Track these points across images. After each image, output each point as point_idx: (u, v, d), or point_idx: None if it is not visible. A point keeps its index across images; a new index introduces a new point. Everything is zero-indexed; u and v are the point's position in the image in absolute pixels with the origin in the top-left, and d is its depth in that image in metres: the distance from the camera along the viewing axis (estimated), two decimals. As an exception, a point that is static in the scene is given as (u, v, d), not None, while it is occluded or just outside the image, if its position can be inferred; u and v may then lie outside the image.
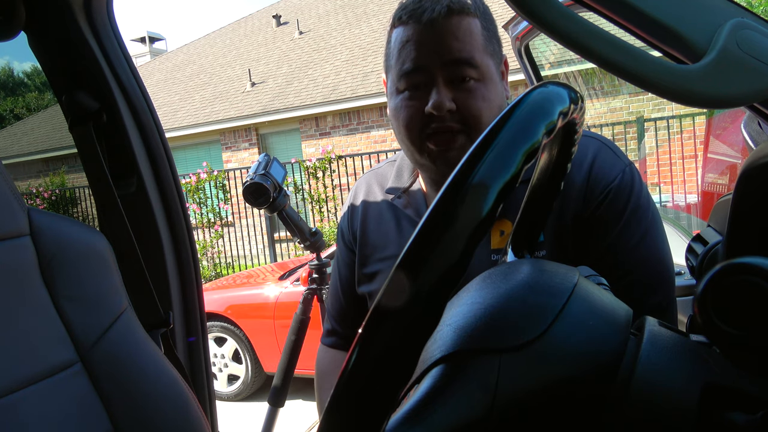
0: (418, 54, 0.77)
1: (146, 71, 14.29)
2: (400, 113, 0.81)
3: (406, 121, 0.80)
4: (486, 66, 0.78)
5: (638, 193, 0.78)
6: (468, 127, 0.78)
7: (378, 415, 0.29)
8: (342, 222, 1.02)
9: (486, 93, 0.78)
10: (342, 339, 1.06)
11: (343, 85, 9.31)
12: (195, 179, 8.17)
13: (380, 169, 1.01)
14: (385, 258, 0.92)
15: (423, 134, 0.79)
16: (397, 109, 0.82)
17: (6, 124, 20.90)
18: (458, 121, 0.77)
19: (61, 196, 9.83)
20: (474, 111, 0.77)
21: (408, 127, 0.80)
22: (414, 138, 0.80)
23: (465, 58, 0.76)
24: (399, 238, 0.91)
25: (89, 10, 1.07)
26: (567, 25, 0.37)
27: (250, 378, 4.11)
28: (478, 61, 0.77)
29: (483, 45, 0.78)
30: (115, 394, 0.82)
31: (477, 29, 0.78)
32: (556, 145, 0.49)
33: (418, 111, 0.78)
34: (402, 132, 0.82)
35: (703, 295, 0.32)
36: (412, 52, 0.77)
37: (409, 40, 0.78)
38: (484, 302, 0.41)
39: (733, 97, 0.37)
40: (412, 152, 0.83)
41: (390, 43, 0.82)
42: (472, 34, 0.77)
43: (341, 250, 1.02)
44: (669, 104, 6.24)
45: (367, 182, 1.00)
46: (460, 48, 0.76)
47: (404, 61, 0.78)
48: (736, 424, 0.32)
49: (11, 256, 0.78)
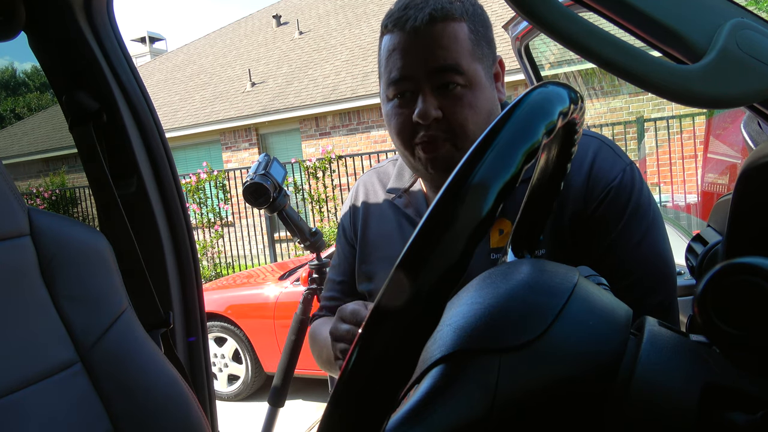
0: (404, 63, 0.77)
1: (146, 71, 14.29)
2: (391, 120, 0.82)
3: (397, 129, 0.81)
4: (473, 71, 0.77)
5: (639, 193, 0.78)
6: (453, 135, 0.78)
7: (378, 415, 0.29)
8: (344, 218, 1.03)
9: (473, 100, 0.77)
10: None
11: (343, 85, 9.31)
12: (195, 179, 8.17)
13: (382, 167, 1.01)
14: (385, 257, 0.92)
15: (412, 142, 0.80)
16: (388, 116, 0.82)
17: (7, 124, 20.90)
18: (443, 130, 0.77)
19: (61, 196, 9.83)
20: (460, 119, 0.77)
21: (398, 134, 0.81)
22: (405, 145, 0.81)
23: (450, 65, 0.76)
24: (400, 238, 0.91)
25: (89, 10, 1.07)
26: (567, 25, 0.37)
27: (250, 378, 4.12)
28: (465, 67, 0.76)
29: (470, 50, 0.77)
30: (115, 394, 0.82)
31: (463, 34, 0.77)
32: (556, 145, 0.49)
33: (407, 118, 0.79)
34: (394, 138, 0.83)
35: (703, 295, 0.32)
36: (397, 61, 0.77)
37: (395, 48, 0.78)
38: (484, 302, 0.41)
39: (733, 97, 0.37)
40: (406, 156, 0.84)
41: (380, 51, 0.82)
42: (457, 40, 0.76)
43: (342, 245, 1.02)
44: (669, 104, 6.24)
45: (370, 181, 1.01)
46: (444, 55, 0.75)
47: (391, 70, 0.78)
48: (736, 424, 0.32)
49: (11, 256, 0.78)
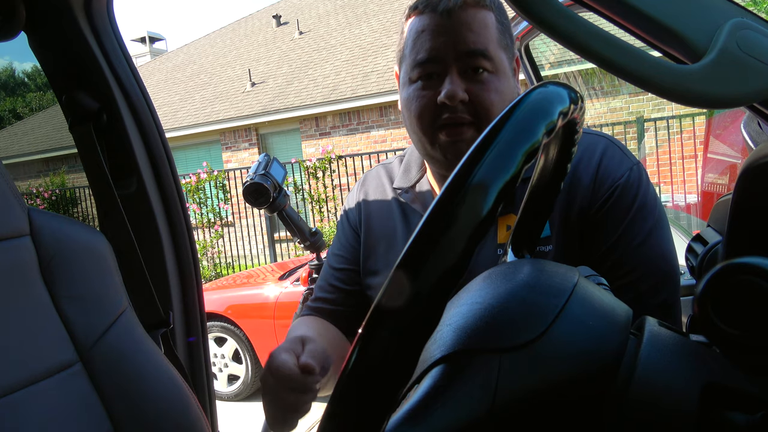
0: (433, 44, 0.77)
1: (146, 71, 14.29)
2: (412, 103, 0.80)
3: (418, 111, 0.80)
4: (500, 59, 0.78)
5: (645, 192, 0.78)
6: (478, 120, 0.77)
7: (378, 415, 0.29)
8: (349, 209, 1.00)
9: (499, 85, 0.78)
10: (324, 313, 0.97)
11: (343, 85, 9.31)
12: (195, 179, 8.17)
13: (389, 164, 1.01)
14: (389, 252, 0.92)
15: (435, 125, 0.79)
16: (409, 99, 0.81)
17: (7, 124, 20.91)
18: (469, 113, 0.77)
19: (61, 196, 9.83)
20: (486, 103, 0.77)
21: (420, 117, 0.80)
22: (425, 128, 0.80)
23: (479, 50, 0.76)
24: (406, 233, 0.90)
25: (89, 10, 1.07)
26: (567, 25, 0.37)
27: (250, 378, 4.11)
28: (492, 53, 0.77)
29: (497, 38, 0.78)
30: (116, 394, 0.82)
31: (492, 22, 0.78)
32: (556, 145, 0.49)
33: (431, 101, 0.78)
34: (414, 122, 0.81)
35: (703, 295, 0.32)
36: (427, 41, 0.77)
37: (424, 29, 0.78)
38: (484, 302, 0.41)
39: (733, 97, 0.37)
40: (423, 143, 0.82)
41: (404, 33, 0.82)
42: (487, 26, 0.77)
43: (346, 233, 0.98)
44: (669, 104, 6.24)
45: (377, 175, 1.00)
46: (474, 39, 0.76)
47: (419, 51, 0.78)
48: (736, 424, 0.32)
49: (11, 256, 0.78)
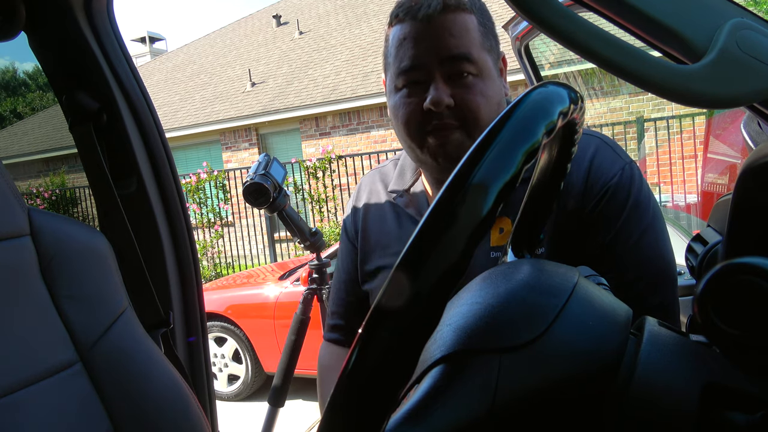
0: (416, 51, 0.77)
1: (146, 71, 14.29)
2: (399, 111, 0.81)
3: (405, 118, 0.80)
4: (483, 61, 0.78)
5: (638, 191, 0.78)
6: (466, 124, 0.78)
7: (378, 415, 0.29)
8: (346, 218, 1.03)
9: (484, 89, 0.78)
10: (345, 333, 1.05)
11: (343, 85, 9.31)
12: (195, 179, 8.17)
13: (384, 168, 1.01)
14: (386, 256, 0.93)
15: (422, 131, 0.79)
16: (396, 107, 0.82)
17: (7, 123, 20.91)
18: (456, 118, 0.78)
19: (61, 196, 9.83)
20: (472, 106, 0.77)
21: (407, 124, 0.80)
22: (413, 135, 0.80)
23: (462, 54, 0.76)
24: (400, 237, 0.91)
25: (89, 10, 1.07)
26: (567, 25, 0.37)
27: (250, 378, 4.11)
28: (476, 56, 0.77)
29: (480, 41, 0.78)
30: (116, 394, 0.82)
31: (473, 25, 0.78)
32: (556, 145, 0.49)
33: (417, 107, 0.78)
34: (401, 129, 0.82)
35: (703, 295, 0.32)
36: (409, 49, 0.78)
37: (406, 37, 0.78)
38: (484, 302, 0.41)
39: (733, 97, 0.37)
40: (412, 149, 0.83)
41: (388, 41, 0.82)
42: (468, 30, 0.77)
43: (345, 245, 1.03)
44: (669, 104, 6.24)
45: (371, 180, 1.01)
46: (456, 44, 0.76)
47: (402, 59, 0.79)
48: (736, 424, 0.32)
49: (11, 256, 0.78)
